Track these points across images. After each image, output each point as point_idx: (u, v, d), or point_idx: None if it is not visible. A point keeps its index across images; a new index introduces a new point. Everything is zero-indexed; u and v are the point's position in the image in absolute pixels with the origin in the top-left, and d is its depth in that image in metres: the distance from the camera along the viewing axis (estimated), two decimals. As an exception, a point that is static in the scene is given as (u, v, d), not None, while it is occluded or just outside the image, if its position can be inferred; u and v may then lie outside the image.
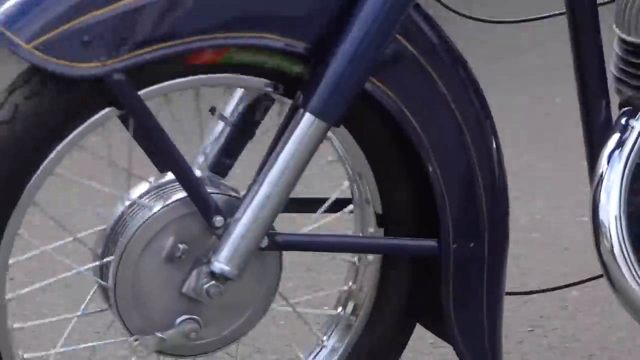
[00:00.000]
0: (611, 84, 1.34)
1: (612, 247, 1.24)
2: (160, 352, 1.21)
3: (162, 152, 1.17)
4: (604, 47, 1.33)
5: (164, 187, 1.22)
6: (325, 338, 1.36)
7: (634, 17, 1.27)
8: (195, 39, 1.09)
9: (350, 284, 1.36)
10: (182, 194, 1.17)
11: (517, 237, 1.55)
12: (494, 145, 1.25)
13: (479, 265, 1.26)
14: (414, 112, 1.18)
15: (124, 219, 1.21)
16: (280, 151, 1.16)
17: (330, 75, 1.12)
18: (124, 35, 1.06)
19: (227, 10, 1.11)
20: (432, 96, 1.21)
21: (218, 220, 1.15)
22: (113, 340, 1.33)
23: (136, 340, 1.17)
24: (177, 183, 1.18)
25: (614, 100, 1.35)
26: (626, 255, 1.24)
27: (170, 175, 1.20)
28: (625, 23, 1.28)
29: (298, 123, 1.14)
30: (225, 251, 1.15)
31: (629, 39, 1.29)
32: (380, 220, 1.30)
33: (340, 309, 1.37)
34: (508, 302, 1.41)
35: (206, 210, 1.15)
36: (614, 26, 1.33)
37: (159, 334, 1.17)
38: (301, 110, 1.15)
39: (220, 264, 1.15)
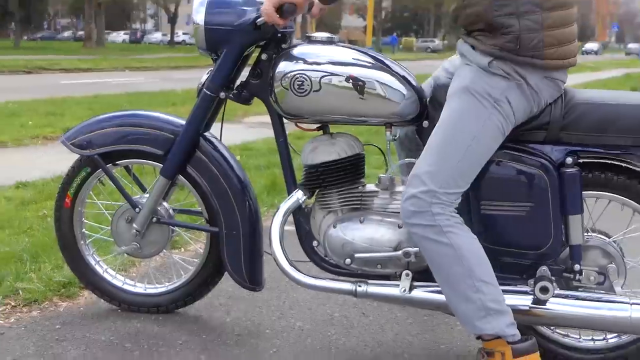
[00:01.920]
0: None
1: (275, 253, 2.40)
2: (127, 253, 2.78)
3: (116, 184, 2.71)
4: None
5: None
6: (184, 276, 2.81)
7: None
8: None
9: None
10: None
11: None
12: (251, 205, 2.60)
13: (237, 235, 2.55)
14: (210, 185, 2.57)
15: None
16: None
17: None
18: (97, 143, 2.63)
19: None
20: (220, 184, 2.56)
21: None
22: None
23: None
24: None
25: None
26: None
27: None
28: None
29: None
30: (139, 220, 2.64)
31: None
32: (207, 221, 2.67)
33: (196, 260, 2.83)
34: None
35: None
36: None
37: (124, 248, 2.71)
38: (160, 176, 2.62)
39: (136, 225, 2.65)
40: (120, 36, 68.55)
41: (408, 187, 2.09)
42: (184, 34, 61.66)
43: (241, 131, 7.90)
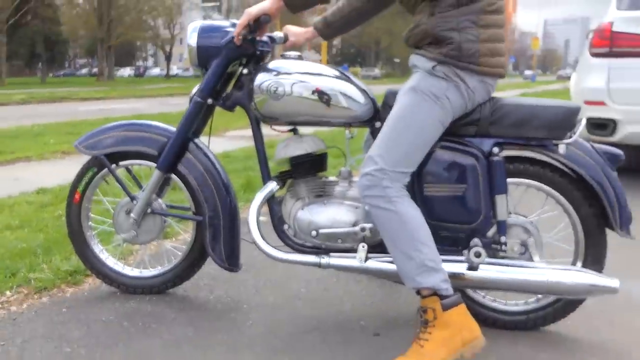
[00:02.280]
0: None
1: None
2: (126, 240, 2.57)
3: (118, 180, 2.53)
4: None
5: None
6: (174, 260, 2.63)
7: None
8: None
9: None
10: None
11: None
12: (231, 200, 2.45)
13: (219, 223, 2.41)
14: (197, 181, 2.44)
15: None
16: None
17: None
18: (103, 145, 2.51)
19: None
20: (206, 180, 2.43)
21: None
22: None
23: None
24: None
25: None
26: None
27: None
28: None
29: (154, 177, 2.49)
30: (135, 211, 2.52)
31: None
32: (194, 212, 2.50)
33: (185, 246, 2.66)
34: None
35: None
36: None
37: (123, 235, 2.55)
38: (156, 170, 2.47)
39: (133, 214, 2.53)
40: (127, 71, 67.90)
41: (363, 167, 2.02)
42: (177, 68, 61.33)
43: (223, 143, 7.80)
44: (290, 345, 2.15)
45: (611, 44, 4.81)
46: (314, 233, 2.22)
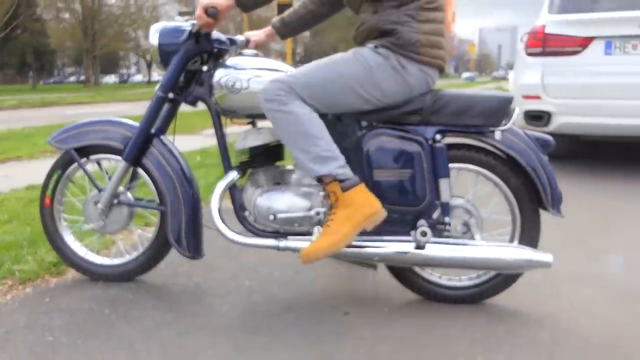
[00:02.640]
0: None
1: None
2: (94, 229, 2.38)
3: (86, 173, 2.37)
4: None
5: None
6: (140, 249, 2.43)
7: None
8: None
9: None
10: None
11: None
12: (193, 191, 2.27)
13: (180, 213, 2.24)
14: (160, 173, 2.27)
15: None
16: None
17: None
18: (73, 140, 2.34)
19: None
20: (168, 173, 2.27)
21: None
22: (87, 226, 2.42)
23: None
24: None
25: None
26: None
27: None
28: None
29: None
30: (102, 201, 2.34)
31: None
32: (158, 203, 2.30)
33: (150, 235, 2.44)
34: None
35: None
36: None
37: (92, 224, 2.37)
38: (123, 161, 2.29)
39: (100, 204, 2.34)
40: (112, 78, 66.40)
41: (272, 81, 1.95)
42: (158, 75, 60.06)
43: (200, 140, 7.53)
44: (266, 326, 2.00)
45: (544, 45, 4.78)
46: (272, 217, 2.10)
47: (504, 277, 2.14)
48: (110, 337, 1.93)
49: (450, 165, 2.05)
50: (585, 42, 4.55)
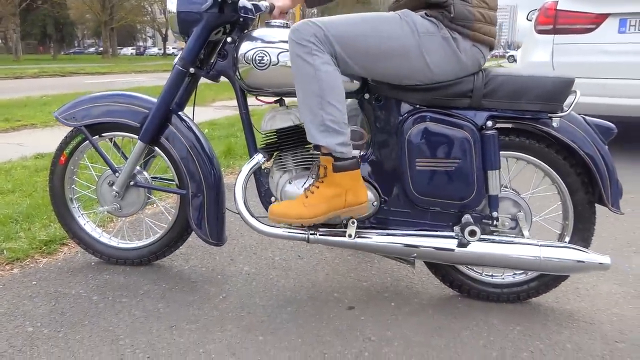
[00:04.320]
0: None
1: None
2: (109, 212, 2.11)
3: (99, 152, 2.05)
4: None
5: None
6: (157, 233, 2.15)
7: None
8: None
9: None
10: None
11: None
12: (215, 173, 1.97)
13: (202, 198, 1.94)
14: (180, 154, 1.96)
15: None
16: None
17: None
18: (84, 116, 2.02)
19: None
20: (189, 154, 1.95)
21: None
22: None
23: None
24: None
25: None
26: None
27: None
28: None
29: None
30: (118, 183, 2.04)
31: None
32: (177, 185, 2.01)
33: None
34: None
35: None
36: None
37: (107, 207, 2.08)
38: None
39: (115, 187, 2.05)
40: (128, 50, 65.58)
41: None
42: (173, 48, 59.52)
43: (210, 112, 7.30)
44: (263, 322, 1.73)
45: (555, 22, 4.41)
46: None
47: (552, 276, 1.84)
48: (95, 328, 1.67)
49: (503, 153, 1.74)
50: (598, 20, 4.18)
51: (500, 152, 1.71)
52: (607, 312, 1.83)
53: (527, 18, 5.26)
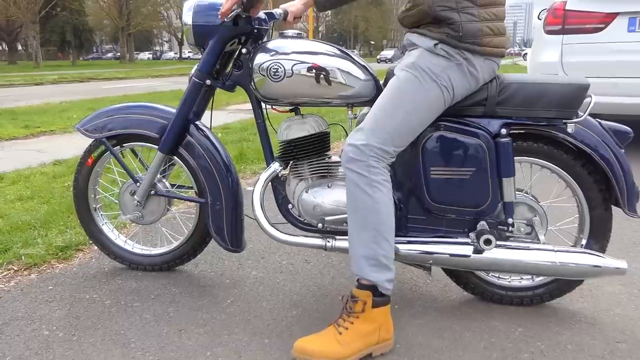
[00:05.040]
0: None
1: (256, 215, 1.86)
2: (131, 221, 2.15)
3: (120, 163, 2.09)
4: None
5: None
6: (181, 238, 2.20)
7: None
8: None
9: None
10: None
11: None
12: (233, 181, 1.98)
13: (221, 206, 1.96)
14: (198, 164, 1.99)
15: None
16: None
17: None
18: (104, 128, 2.05)
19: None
20: (207, 163, 1.98)
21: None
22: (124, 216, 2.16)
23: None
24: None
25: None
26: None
27: None
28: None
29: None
30: (139, 193, 2.08)
31: None
32: (197, 194, 2.03)
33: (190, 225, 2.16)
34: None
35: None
36: None
37: (129, 216, 2.13)
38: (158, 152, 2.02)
39: (137, 196, 2.09)
40: (145, 55, 66.01)
41: (351, 137, 1.58)
42: (188, 52, 59.94)
43: (224, 116, 7.39)
44: (269, 325, 1.77)
45: (564, 22, 4.39)
46: (319, 217, 1.82)
47: (567, 280, 1.84)
48: (108, 332, 1.73)
49: (519, 158, 1.74)
50: (608, 19, 4.15)
51: (516, 158, 1.72)
52: (610, 313, 1.84)
53: (537, 17, 5.23)
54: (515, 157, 1.71)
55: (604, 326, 1.76)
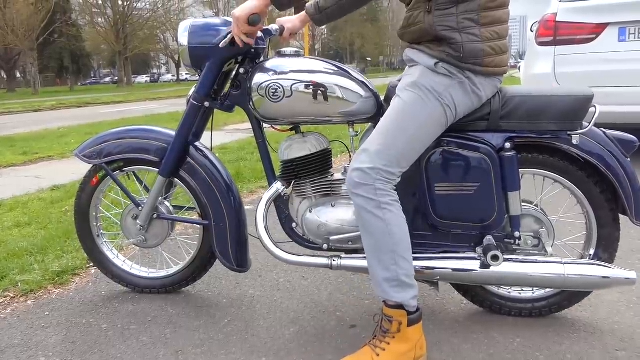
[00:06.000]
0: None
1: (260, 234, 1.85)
2: (135, 245, 2.14)
3: (121, 187, 2.09)
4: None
5: None
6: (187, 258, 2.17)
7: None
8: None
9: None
10: None
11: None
12: (235, 201, 1.98)
13: (224, 226, 1.97)
14: (200, 186, 1.99)
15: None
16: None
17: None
18: (103, 153, 2.04)
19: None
20: (208, 185, 1.98)
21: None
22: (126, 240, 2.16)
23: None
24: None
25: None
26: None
27: None
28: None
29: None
30: (142, 217, 2.07)
31: None
32: (200, 215, 2.03)
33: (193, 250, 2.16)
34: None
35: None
36: None
37: (132, 240, 2.10)
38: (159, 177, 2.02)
39: (139, 221, 2.07)
40: (143, 78, 66.40)
41: (356, 160, 1.57)
42: (186, 74, 60.43)
43: (221, 136, 7.40)
44: (266, 343, 1.77)
45: (555, 33, 4.44)
46: (324, 236, 1.81)
47: (574, 291, 1.83)
48: (104, 356, 1.72)
49: (520, 170, 1.73)
50: (598, 29, 4.20)
51: (521, 170, 1.72)
52: (609, 321, 1.84)
53: (530, 29, 5.30)
54: (519, 169, 1.70)
55: (603, 335, 1.75)
